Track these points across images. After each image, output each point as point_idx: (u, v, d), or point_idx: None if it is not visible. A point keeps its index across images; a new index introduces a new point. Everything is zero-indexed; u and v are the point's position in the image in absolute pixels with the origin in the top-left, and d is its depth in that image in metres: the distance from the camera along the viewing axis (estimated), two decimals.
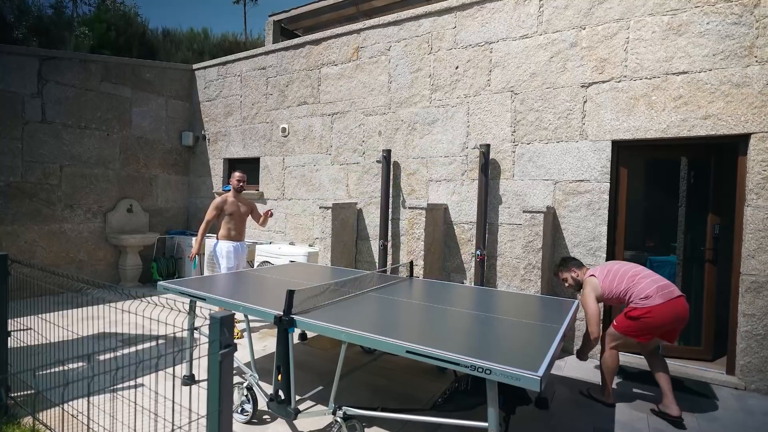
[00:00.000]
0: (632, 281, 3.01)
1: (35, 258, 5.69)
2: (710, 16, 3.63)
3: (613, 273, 3.09)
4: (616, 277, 3.07)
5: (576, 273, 3.35)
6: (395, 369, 3.70)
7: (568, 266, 3.39)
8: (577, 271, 3.35)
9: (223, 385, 1.62)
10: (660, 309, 2.87)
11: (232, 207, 4.58)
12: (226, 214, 4.56)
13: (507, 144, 4.55)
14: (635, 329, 2.97)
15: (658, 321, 2.88)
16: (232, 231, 4.61)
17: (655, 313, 2.87)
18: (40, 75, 5.71)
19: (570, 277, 3.37)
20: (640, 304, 2.94)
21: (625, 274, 3.05)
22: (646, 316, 2.89)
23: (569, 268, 3.38)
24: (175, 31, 12.78)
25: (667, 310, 2.87)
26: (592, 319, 3.04)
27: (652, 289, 2.92)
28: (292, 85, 6.21)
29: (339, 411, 2.46)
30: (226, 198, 4.60)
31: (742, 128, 3.53)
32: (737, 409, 3.18)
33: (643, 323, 2.92)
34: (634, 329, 2.98)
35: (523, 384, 1.73)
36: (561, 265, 3.46)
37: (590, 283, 3.13)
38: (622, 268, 3.10)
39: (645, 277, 2.99)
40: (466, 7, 4.77)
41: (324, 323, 2.36)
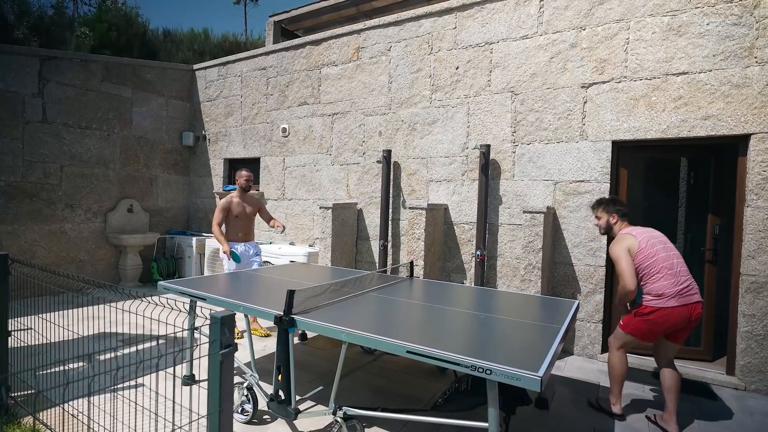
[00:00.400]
0: (659, 273, 2.77)
1: (35, 258, 5.69)
2: (710, 17, 3.64)
3: (652, 253, 2.79)
4: (651, 258, 2.79)
5: (615, 220, 3.05)
6: (395, 369, 3.70)
7: (611, 210, 3.06)
8: (617, 218, 3.04)
9: (223, 385, 1.62)
10: (670, 312, 2.72)
11: (238, 208, 4.51)
12: (233, 216, 4.48)
13: (507, 144, 4.55)
14: (644, 330, 2.82)
15: (664, 321, 2.74)
16: (239, 232, 4.55)
17: (664, 315, 2.73)
18: (41, 75, 5.72)
19: (607, 220, 3.07)
20: (652, 302, 2.77)
21: (659, 262, 2.78)
22: (654, 315, 2.76)
23: (611, 212, 3.06)
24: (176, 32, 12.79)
25: (679, 313, 2.71)
26: (626, 271, 2.78)
27: (672, 289, 2.73)
28: (292, 85, 6.22)
29: (339, 411, 2.46)
30: (232, 199, 4.52)
31: (742, 129, 3.54)
32: (737, 409, 3.18)
33: (651, 322, 2.78)
34: (642, 330, 2.83)
35: (524, 384, 1.73)
36: (605, 204, 3.11)
37: (627, 240, 2.86)
38: (662, 253, 2.79)
39: (673, 275, 2.75)
40: (467, 8, 4.78)
41: (324, 323, 2.37)
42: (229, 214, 4.47)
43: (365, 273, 3.93)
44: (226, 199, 4.52)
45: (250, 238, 4.67)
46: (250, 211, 4.63)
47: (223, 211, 4.44)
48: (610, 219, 3.06)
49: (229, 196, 4.54)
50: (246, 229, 4.61)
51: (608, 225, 3.08)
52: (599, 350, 4.13)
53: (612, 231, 3.06)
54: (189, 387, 3.16)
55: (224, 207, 4.45)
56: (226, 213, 4.46)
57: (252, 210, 4.65)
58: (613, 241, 2.94)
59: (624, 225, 3.02)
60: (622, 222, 3.04)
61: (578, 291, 4.22)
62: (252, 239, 4.71)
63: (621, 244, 2.85)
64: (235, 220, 4.50)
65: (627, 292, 2.78)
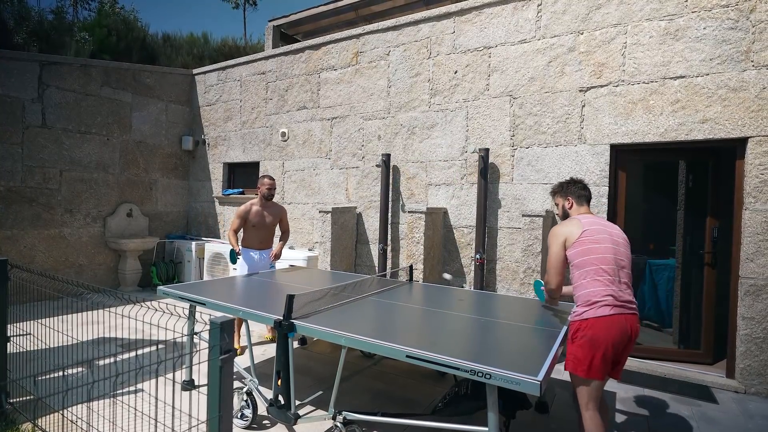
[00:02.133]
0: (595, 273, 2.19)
1: (35, 263, 5.69)
2: (707, 21, 3.66)
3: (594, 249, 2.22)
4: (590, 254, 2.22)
5: (570, 204, 2.52)
6: (395, 373, 3.70)
7: (566, 192, 2.55)
8: (572, 202, 2.51)
9: (223, 390, 1.62)
10: (606, 322, 2.10)
11: (256, 217, 4.25)
12: (251, 225, 4.24)
13: (506, 148, 4.56)
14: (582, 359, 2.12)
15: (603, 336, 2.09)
16: (256, 241, 4.33)
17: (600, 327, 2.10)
18: (41, 80, 5.73)
19: (562, 206, 2.57)
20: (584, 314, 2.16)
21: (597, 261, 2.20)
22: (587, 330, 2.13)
23: (566, 195, 2.54)
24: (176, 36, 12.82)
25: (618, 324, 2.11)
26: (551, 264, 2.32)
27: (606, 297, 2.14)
28: (291, 89, 6.24)
29: (339, 416, 2.46)
30: (251, 207, 4.26)
31: (740, 132, 3.55)
32: (737, 412, 3.18)
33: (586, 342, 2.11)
34: (580, 360, 2.12)
35: (523, 388, 1.74)
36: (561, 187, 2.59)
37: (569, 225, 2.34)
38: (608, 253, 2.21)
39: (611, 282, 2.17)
40: (465, 12, 4.80)
41: (324, 328, 2.37)
42: (246, 222, 4.24)
43: (365, 277, 3.93)
44: (245, 206, 4.28)
45: (267, 246, 4.43)
46: (270, 221, 4.35)
47: (240, 218, 4.22)
48: (565, 204, 2.54)
49: (249, 204, 4.30)
50: (263, 237, 4.36)
51: (564, 212, 2.55)
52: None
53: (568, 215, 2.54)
54: (188, 392, 3.15)
55: (241, 215, 4.22)
56: (243, 221, 4.23)
57: (272, 220, 4.38)
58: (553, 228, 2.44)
59: (582, 211, 2.46)
60: (579, 206, 2.49)
61: None
62: (269, 247, 4.48)
63: (559, 229, 2.34)
64: (251, 229, 4.26)
65: (548, 289, 2.38)
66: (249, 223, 4.25)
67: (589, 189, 2.56)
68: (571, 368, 2.18)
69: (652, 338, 4.27)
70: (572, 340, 2.20)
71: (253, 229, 4.27)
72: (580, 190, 2.53)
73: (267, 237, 4.41)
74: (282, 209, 4.56)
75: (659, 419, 3.06)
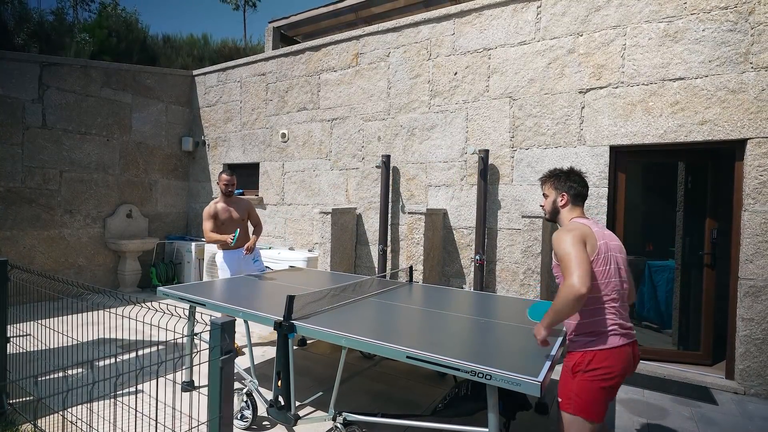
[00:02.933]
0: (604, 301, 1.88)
1: (34, 263, 5.68)
2: (706, 23, 3.67)
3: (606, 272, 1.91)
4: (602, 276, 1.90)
5: (563, 201, 2.12)
6: (395, 374, 3.70)
7: (561, 187, 2.13)
8: (566, 199, 2.11)
9: (223, 391, 1.62)
10: (618, 353, 1.84)
11: (224, 214, 4.27)
12: (220, 223, 4.25)
13: (506, 149, 4.57)
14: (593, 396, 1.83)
15: (615, 368, 1.83)
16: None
17: (613, 359, 1.83)
18: (41, 81, 5.74)
19: (554, 201, 2.16)
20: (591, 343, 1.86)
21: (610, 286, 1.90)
22: (601, 362, 1.83)
23: (561, 190, 2.13)
24: (176, 37, 12.83)
25: (626, 356, 1.87)
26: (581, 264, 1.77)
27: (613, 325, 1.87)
28: (291, 90, 6.25)
29: (339, 417, 2.46)
30: (215, 205, 4.29)
31: (739, 134, 3.56)
32: (737, 413, 3.18)
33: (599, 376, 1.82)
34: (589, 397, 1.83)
35: (524, 389, 1.74)
36: (555, 177, 2.17)
37: (583, 229, 1.94)
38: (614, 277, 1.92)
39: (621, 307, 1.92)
40: (465, 14, 4.81)
41: (324, 329, 2.37)
42: (216, 221, 4.23)
43: (365, 278, 3.93)
44: (208, 207, 4.29)
45: (241, 244, 4.32)
46: (237, 216, 4.34)
47: (209, 219, 4.20)
48: (558, 199, 2.14)
49: (213, 203, 4.31)
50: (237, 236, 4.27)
51: (554, 207, 2.16)
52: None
53: (558, 217, 2.17)
54: (188, 393, 3.14)
55: (209, 215, 4.22)
56: (213, 220, 4.22)
57: (240, 215, 4.37)
58: (561, 229, 2.04)
59: (576, 213, 2.11)
60: (573, 207, 2.12)
61: None
62: (244, 245, 4.36)
63: (574, 232, 1.91)
64: (222, 227, 4.25)
65: (577, 296, 1.72)
66: (218, 222, 4.23)
67: (588, 186, 2.19)
68: (572, 409, 1.84)
69: (652, 339, 4.28)
70: (572, 374, 1.88)
71: (222, 227, 4.25)
72: (579, 187, 2.12)
73: (240, 235, 4.27)
74: (249, 203, 4.53)
75: (659, 421, 3.06)
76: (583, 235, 1.90)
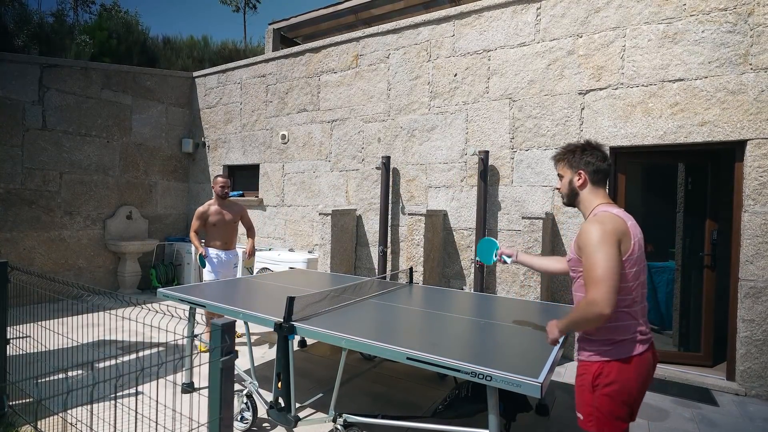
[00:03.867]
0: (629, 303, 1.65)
1: (34, 265, 5.68)
2: (705, 25, 3.68)
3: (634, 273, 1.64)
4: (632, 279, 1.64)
5: (581, 181, 1.79)
6: (395, 376, 3.69)
7: (577, 163, 1.79)
8: (584, 178, 1.78)
9: (223, 392, 1.62)
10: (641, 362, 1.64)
11: (215, 216, 4.36)
12: (211, 225, 4.35)
13: (506, 150, 4.57)
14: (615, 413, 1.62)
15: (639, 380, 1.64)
16: (218, 241, 4.41)
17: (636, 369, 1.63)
18: (41, 82, 5.74)
19: (570, 181, 1.83)
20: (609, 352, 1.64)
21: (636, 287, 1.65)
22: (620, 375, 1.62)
23: (577, 167, 1.79)
24: (176, 39, 12.86)
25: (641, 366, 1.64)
26: (611, 276, 1.52)
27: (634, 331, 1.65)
28: (291, 92, 6.25)
29: (339, 418, 2.46)
30: (208, 207, 4.39)
31: (739, 135, 3.57)
32: (738, 415, 3.18)
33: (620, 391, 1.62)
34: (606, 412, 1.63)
35: (524, 390, 1.73)
36: (570, 153, 1.83)
37: (616, 223, 1.63)
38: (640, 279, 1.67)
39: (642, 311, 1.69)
40: (464, 16, 4.82)
41: (324, 330, 2.36)
42: (206, 222, 4.35)
43: (365, 279, 3.93)
44: (203, 207, 4.41)
45: (230, 247, 4.50)
46: (230, 218, 4.46)
47: (199, 219, 4.33)
48: (574, 178, 1.81)
49: (207, 204, 4.43)
50: (225, 237, 4.45)
51: (571, 189, 1.83)
52: None
53: (577, 200, 1.83)
54: (188, 395, 3.14)
55: (200, 215, 4.34)
56: (202, 221, 4.34)
57: (232, 217, 4.48)
58: (591, 219, 1.70)
59: (600, 196, 1.78)
60: (594, 188, 1.79)
61: None
62: (233, 248, 4.55)
63: (608, 230, 1.59)
64: (212, 228, 4.36)
65: (597, 314, 1.52)
66: (209, 223, 4.35)
67: (609, 160, 1.82)
68: (595, 427, 1.63)
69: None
70: (592, 389, 1.65)
71: (213, 228, 4.37)
72: (598, 162, 1.76)
73: (229, 237, 4.49)
74: (242, 207, 4.67)
75: (660, 422, 3.06)
76: (619, 234, 1.60)
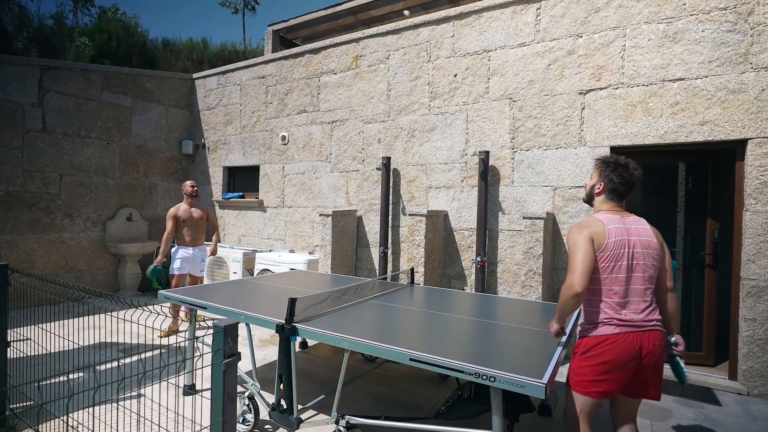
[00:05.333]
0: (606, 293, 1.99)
1: (34, 267, 5.67)
2: (705, 24, 3.68)
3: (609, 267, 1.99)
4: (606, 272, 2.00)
5: (600, 189, 2.18)
6: (396, 377, 3.68)
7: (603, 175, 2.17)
8: (602, 188, 2.17)
9: (226, 394, 1.61)
10: (612, 341, 1.93)
11: (185, 214, 4.88)
12: (181, 221, 4.85)
13: (506, 151, 4.57)
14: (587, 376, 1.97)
15: (610, 355, 1.93)
16: (187, 237, 4.91)
17: (605, 346, 1.94)
18: (41, 85, 5.74)
19: (593, 186, 2.22)
20: (588, 331, 2.02)
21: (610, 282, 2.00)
22: (593, 348, 1.97)
23: (601, 178, 2.17)
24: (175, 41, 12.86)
25: (623, 343, 1.92)
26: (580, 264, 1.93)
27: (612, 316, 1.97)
28: (291, 93, 6.25)
29: (342, 420, 2.45)
30: (179, 207, 4.90)
31: (739, 134, 3.57)
32: (740, 414, 3.17)
33: (592, 360, 1.97)
34: (584, 376, 1.98)
35: (528, 391, 1.73)
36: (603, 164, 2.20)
37: (594, 226, 2.03)
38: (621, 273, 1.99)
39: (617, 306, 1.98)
40: (464, 16, 4.82)
41: (327, 331, 2.36)
42: (177, 221, 4.84)
43: (366, 280, 3.92)
44: (173, 208, 4.90)
45: (198, 243, 5.02)
46: (198, 215, 4.99)
47: (171, 219, 4.82)
48: (596, 185, 2.19)
49: (177, 205, 4.94)
50: (194, 233, 4.95)
51: (591, 191, 2.23)
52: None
53: (591, 203, 2.26)
54: (190, 397, 3.13)
55: (171, 216, 4.84)
56: (174, 221, 4.82)
57: (200, 215, 5.01)
58: (576, 223, 2.13)
59: (606, 206, 2.15)
60: (606, 199, 2.16)
61: None
62: (201, 244, 5.06)
63: (584, 230, 2.02)
64: (182, 224, 4.88)
65: (572, 294, 1.93)
66: (180, 220, 4.86)
67: (633, 185, 2.15)
68: (572, 385, 2.06)
69: None
70: (573, 355, 2.09)
71: (183, 224, 4.89)
72: (618, 184, 2.12)
73: (198, 234, 5.02)
74: (207, 207, 5.23)
75: (662, 422, 3.05)
76: (592, 234, 2.01)
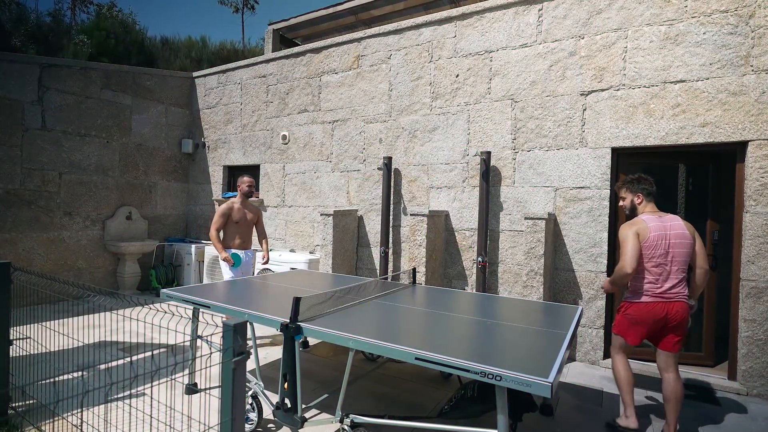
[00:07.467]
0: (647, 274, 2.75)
1: (33, 266, 5.64)
2: (706, 26, 3.71)
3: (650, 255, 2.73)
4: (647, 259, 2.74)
5: (639, 200, 2.92)
6: (399, 376, 3.69)
7: (635, 189, 2.93)
8: (641, 198, 2.91)
9: (235, 393, 1.61)
10: (643, 307, 2.76)
11: (238, 214, 4.45)
12: (233, 222, 4.44)
13: (507, 151, 4.58)
14: (624, 326, 2.87)
15: (640, 316, 2.78)
16: (238, 239, 4.49)
17: (638, 309, 2.79)
18: (41, 82, 5.71)
19: (631, 201, 2.96)
20: (628, 298, 2.87)
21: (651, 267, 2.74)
22: (630, 309, 2.83)
23: (635, 191, 2.93)
24: (174, 39, 12.82)
25: (653, 309, 2.73)
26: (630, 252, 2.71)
27: (649, 290, 2.76)
28: (292, 92, 6.25)
29: (346, 419, 2.45)
30: (233, 205, 4.46)
31: (740, 136, 3.59)
32: (739, 414, 3.19)
33: (629, 318, 2.84)
34: (623, 326, 2.88)
35: (534, 390, 1.74)
36: (629, 183, 2.97)
37: (638, 224, 2.79)
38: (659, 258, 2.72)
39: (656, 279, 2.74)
40: (466, 17, 4.83)
41: (331, 330, 2.36)
42: (228, 220, 4.42)
43: (369, 280, 3.93)
44: (226, 204, 4.46)
45: (247, 246, 4.59)
46: (251, 218, 4.59)
47: (223, 216, 4.38)
48: (634, 199, 2.93)
49: (230, 202, 4.49)
50: (244, 236, 4.54)
51: (633, 205, 2.95)
52: (601, 356, 4.14)
53: (636, 212, 2.93)
54: (195, 396, 3.13)
55: (224, 212, 4.39)
56: (225, 219, 4.40)
57: (252, 217, 4.61)
58: (626, 222, 2.87)
59: (648, 207, 2.89)
60: (647, 202, 2.90)
61: (579, 297, 4.24)
62: (249, 247, 4.64)
63: (632, 227, 2.78)
64: (234, 226, 4.45)
65: (624, 273, 2.72)
66: (231, 220, 4.43)
67: (655, 186, 2.93)
68: (615, 330, 2.94)
69: None
70: (618, 312, 2.96)
71: (235, 225, 4.46)
72: (650, 187, 2.91)
73: (247, 235, 4.60)
74: (259, 209, 4.78)
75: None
76: (638, 230, 2.77)
